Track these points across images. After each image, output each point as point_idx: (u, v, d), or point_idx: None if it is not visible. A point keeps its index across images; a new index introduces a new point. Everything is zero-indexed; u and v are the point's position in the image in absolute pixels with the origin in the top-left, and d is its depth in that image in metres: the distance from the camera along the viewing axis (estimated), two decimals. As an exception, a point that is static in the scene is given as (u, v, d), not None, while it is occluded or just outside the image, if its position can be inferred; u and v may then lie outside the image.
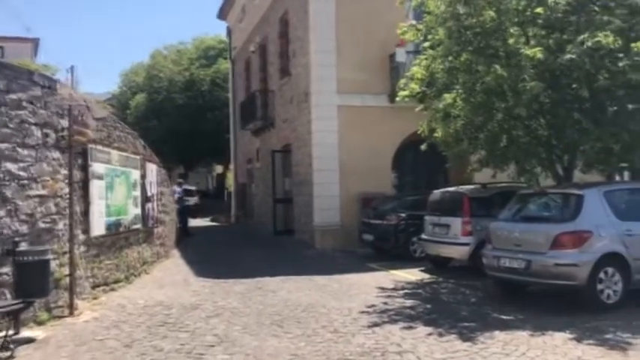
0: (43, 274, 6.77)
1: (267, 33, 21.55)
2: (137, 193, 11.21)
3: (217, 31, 50.04)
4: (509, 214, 9.25)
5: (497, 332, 6.85)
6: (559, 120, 8.93)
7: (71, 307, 7.69)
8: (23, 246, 6.84)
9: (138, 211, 11.23)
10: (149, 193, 12.20)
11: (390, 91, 15.93)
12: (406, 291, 9.80)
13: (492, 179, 11.15)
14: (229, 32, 29.18)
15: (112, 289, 9.49)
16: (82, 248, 8.36)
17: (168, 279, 11.16)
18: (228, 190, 34.79)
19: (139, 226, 11.22)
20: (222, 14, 28.65)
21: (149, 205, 12.15)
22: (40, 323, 7.18)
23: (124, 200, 10.31)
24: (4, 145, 6.97)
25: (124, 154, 10.49)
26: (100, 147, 9.16)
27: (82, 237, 8.31)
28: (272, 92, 20.88)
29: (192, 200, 35.54)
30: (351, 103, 16.04)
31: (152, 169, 12.83)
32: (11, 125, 7.06)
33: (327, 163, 15.96)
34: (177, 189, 20.50)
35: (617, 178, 13.77)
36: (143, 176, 11.72)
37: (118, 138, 10.47)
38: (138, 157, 11.46)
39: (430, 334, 6.85)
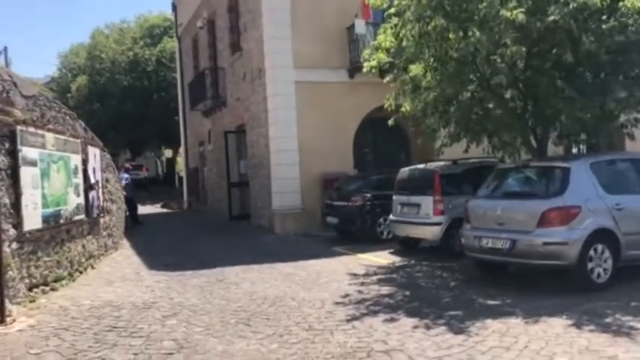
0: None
1: (215, 7, 20.34)
2: (79, 180, 10.08)
3: (162, 8, 47.95)
4: (488, 191, 8.63)
5: (489, 321, 6.23)
6: (540, 89, 8.31)
7: (2, 314, 6.60)
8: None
9: (80, 200, 10.11)
10: (92, 180, 11.07)
11: (349, 66, 15.17)
12: (380, 277, 9.11)
13: (464, 154, 10.50)
14: (174, 8, 27.63)
15: (53, 289, 8.40)
16: (14, 245, 7.26)
17: (118, 274, 10.13)
18: (179, 175, 33.53)
19: (82, 216, 10.11)
20: (166, -11, 27.12)
21: (93, 193, 11.03)
22: (-36, 335, 6.12)
23: (63, 189, 9.20)
24: None
25: (62, 137, 9.32)
26: (31, 129, 7.99)
27: (12, 232, 7.19)
28: (222, 70, 19.77)
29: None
30: (308, 78, 15.10)
31: (95, 153, 11.67)
32: None
33: (285, 143, 15.04)
34: (125, 175, 19.25)
35: (574, 150, 13.46)
36: (85, 161, 10.57)
37: (54, 119, 9.30)
38: (78, 140, 10.29)
39: (416, 327, 6.16)
